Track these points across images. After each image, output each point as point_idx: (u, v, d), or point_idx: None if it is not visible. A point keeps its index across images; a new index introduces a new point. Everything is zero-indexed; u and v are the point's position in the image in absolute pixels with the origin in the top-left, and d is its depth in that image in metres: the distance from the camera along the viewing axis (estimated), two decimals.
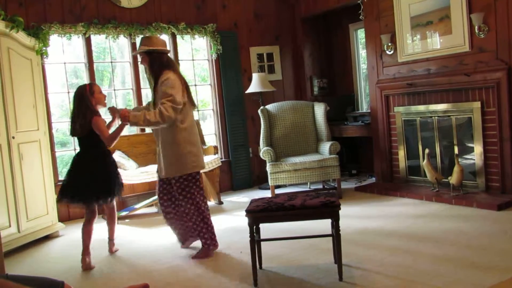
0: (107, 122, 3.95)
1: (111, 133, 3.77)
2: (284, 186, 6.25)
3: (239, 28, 6.55)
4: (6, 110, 4.31)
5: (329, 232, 3.29)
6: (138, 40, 5.66)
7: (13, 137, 4.35)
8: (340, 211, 3.04)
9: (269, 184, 5.50)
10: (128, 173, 5.10)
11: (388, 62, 5.68)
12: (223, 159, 6.35)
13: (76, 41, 5.62)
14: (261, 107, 6.02)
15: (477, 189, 4.89)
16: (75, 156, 3.91)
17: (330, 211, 3.02)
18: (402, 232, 3.98)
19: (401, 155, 5.67)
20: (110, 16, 5.60)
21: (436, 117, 5.24)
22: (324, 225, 3.47)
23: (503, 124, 4.63)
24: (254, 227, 3.12)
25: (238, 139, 6.50)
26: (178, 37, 6.14)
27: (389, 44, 5.59)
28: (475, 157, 4.89)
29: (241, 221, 4.57)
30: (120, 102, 6.43)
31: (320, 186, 6.13)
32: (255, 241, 3.10)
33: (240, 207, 5.33)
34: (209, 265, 3.57)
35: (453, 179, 4.82)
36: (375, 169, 6.07)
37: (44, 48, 5.06)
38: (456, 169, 4.78)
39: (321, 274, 3.16)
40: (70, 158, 6.17)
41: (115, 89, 5.91)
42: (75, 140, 5.22)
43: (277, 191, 5.80)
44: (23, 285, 1.67)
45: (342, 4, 6.19)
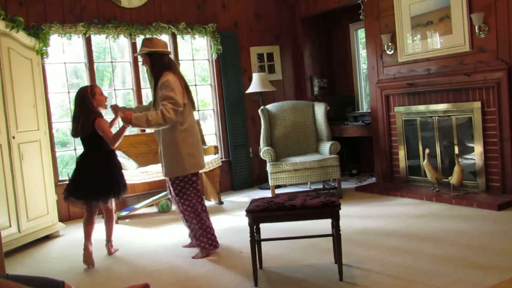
0: (109, 121, 3.98)
1: (114, 134, 3.79)
2: (284, 186, 6.25)
3: (239, 28, 6.55)
4: (7, 110, 4.31)
5: (329, 232, 3.29)
6: (139, 40, 5.72)
7: (14, 137, 4.35)
8: (340, 211, 3.04)
9: (269, 184, 5.50)
10: (128, 173, 5.09)
11: (388, 62, 5.68)
12: (223, 159, 6.35)
13: (76, 41, 5.62)
14: (261, 107, 6.01)
15: (478, 189, 4.89)
16: (79, 156, 3.97)
17: (330, 211, 3.02)
18: (402, 232, 3.98)
19: (402, 155, 5.67)
20: (110, 16, 5.60)
21: (437, 117, 5.24)
22: (324, 225, 3.47)
23: (503, 124, 4.63)
24: (255, 227, 3.12)
25: (238, 139, 6.49)
26: (178, 37, 6.14)
27: (389, 44, 5.59)
28: (476, 157, 4.89)
29: (241, 221, 4.57)
30: (120, 102, 6.42)
31: (321, 186, 6.13)
32: (255, 241, 3.10)
33: (240, 207, 5.33)
34: (209, 265, 3.57)
35: (453, 179, 4.82)
36: (375, 169, 6.07)
37: (44, 48, 5.06)
38: (456, 169, 4.78)
39: (321, 274, 3.16)
40: (70, 158, 6.21)
41: (115, 89, 5.92)
42: (75, 140, 5.23)
43: (277, 191, 5.80)
44: (23, 285, 1.67)
45: (342, 4, 6.19)
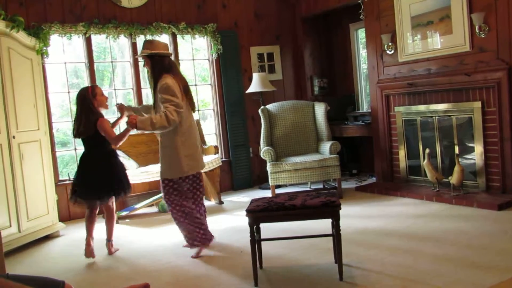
0: (111, 121, 4.01)
1: (117, 134, 3.80)
2: (285, 186, 6.25)
3: (239, 28, 6.55)
4: (7, 109, 4.31)
5: (330, 232, 3.29)
6: (139, 40, 5.73)
7: (14, 137, 4.35)
8: (340, 211, 3.04)
9: (270, 184, 5.50)
10: (128, 173, 5.09)
11: (389, 62, 5.68)
12: (223, 159, 6.34)
13: (77, 41, 5.62)
14: (262, 107, 6.01)
15: (478, 189, 4.88)
16: (81, 156, 3.98)
17: (330, 210, 3.02)
18: (402, 232, 3.97)
19: (402, 155, 5.67)
20: (111, 16, 5.60)
21: (437, 117, 5.24)
22: (324, 225, 3.47)
23: (503, 124, 4.63)
24: (255, 226, 3.12)
25: (239, 139, 6.49)
26: (179, 37, 6.14)
27: (390, 44, 5.58)
28: (476, 157, 4.88)
29: (242, 221, 4.57)
30: (120, 102, 6.43)
31: (321, 186, 6.13)
32: (255, 240, 3.10)
33: (240, 207, 5.33)
34: (210, 265, 3.57)
35: (453, 179, 4.81)
36: (375, 169, 6.07)
37: (45, 48, 5.06)
38: (456, 169, 4.78)
39: (321, 274, 3.16)
40: (71, 158, 6.21)
41: (115, 89, 5.92)
42: (76, 140, 5.23)
43: (277, 191, 5.79)
44: (23, 285, 1.67)
45: (343, 4, 6.19)
